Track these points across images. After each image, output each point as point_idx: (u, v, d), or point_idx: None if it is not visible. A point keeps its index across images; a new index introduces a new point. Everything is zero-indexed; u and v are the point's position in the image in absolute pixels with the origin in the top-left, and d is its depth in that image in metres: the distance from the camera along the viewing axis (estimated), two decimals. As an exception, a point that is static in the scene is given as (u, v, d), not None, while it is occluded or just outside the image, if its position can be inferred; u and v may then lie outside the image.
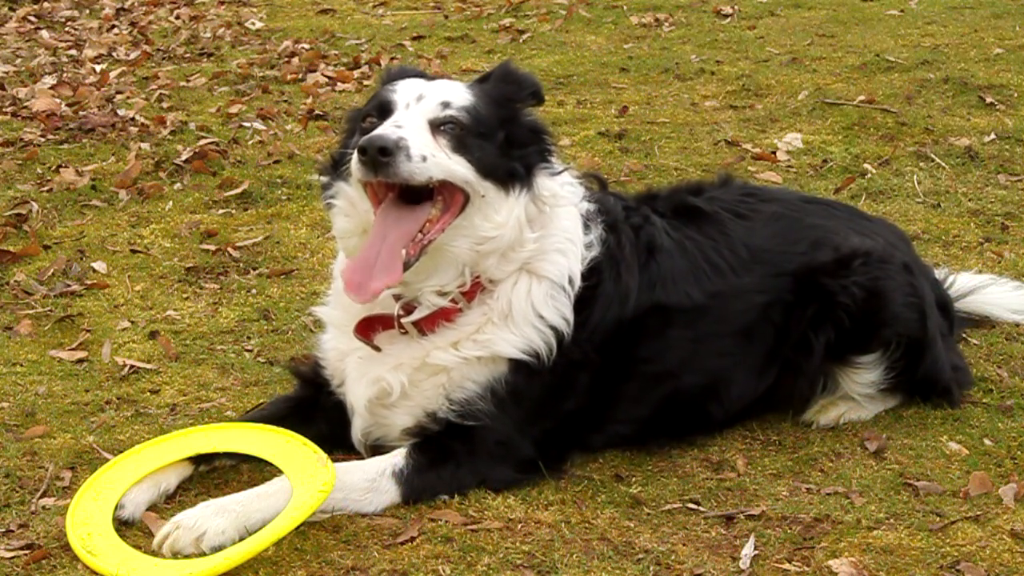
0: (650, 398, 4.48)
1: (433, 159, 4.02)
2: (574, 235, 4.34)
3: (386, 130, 4.01)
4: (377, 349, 4.27)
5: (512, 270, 4.26)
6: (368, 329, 4.27)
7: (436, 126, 4.12)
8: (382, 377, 4.25)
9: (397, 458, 4.18)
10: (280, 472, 4.07)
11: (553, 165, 4.36)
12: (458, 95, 4.22)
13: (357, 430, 4.36)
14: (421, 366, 4.24)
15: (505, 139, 4.23)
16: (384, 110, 4.18)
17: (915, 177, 7.30)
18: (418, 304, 4.23)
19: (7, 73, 9.90)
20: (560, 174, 4.37)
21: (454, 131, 4.13)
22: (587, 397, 4.38)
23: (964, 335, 5.34)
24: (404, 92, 4.22)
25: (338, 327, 4.43)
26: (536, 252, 4.27)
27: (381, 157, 3.92)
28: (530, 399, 4.27)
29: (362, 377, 4.30)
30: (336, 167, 4.34)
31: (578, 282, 4.31)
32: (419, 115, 4.13)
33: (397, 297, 4.23)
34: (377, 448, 4.36)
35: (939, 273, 5.35)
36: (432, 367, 4.23)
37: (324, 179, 4.40)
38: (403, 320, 4.22)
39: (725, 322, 4.54)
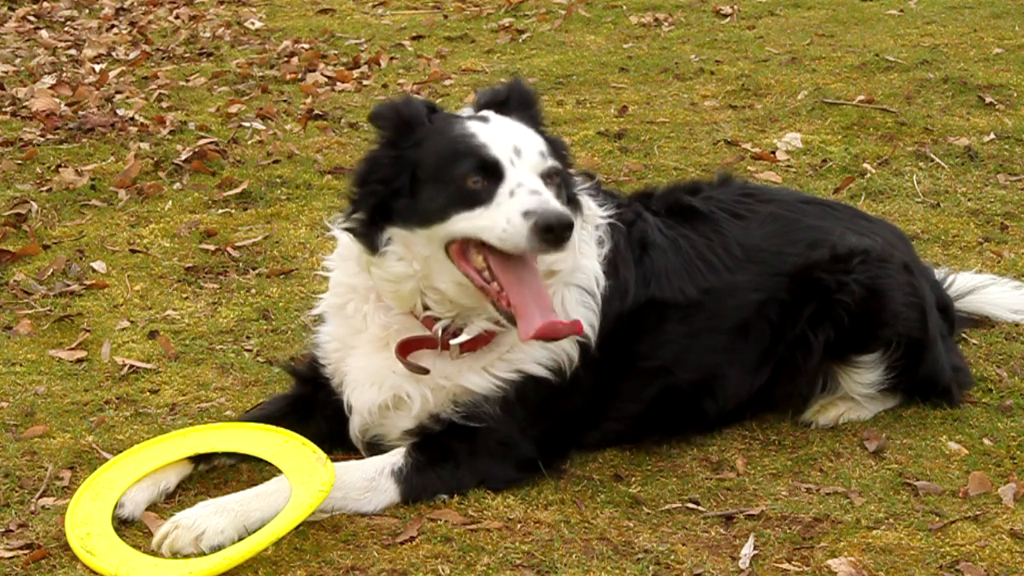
0: (645, 394, 4.47)
1: None
2: (588, 235, 4.32)
3: (553, 204, 3.88)
4: (425, 372, 4.18)
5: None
6: (409, 350, 4.19)
7: (545, 178, 4.02)
8: (400, 386, 4.21)
9: (396, 457, 4.18)
10: (279, 472, 4.07)
11: (578, 180, 4.32)
12: (536, 139, 4.11)
13: (355, 427, 4.34)
14: (449, 384, 4.19)
15: None
16: (491, 169, 3.96)
17: (914, 177, 7.30)
18: (465, 326, 4.16)
19: (7, 73, 9.89)
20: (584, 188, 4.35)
21: (556, 179, 4.07)
22: (589, 395, 4.37)
23: (964, 335, 5.34)
24: (499, 147, 4.00)
25: (340, 325, 4.39)
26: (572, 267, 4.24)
27: (568, 233, 3.84)
28: (536, 401, 4.26)
29: (373, 383, 4.26)
30: (378, 217, 4.10)
31: (603, 280, 4.29)
32: (533, 172, 4.00)
33: (435, 319, 4.15)
34: (375, 445, 4.35)
35: (939, 273, 5.35)
36: (460, 386, 4.19)
37: (359, 227, 4.13)
38: (451, 342, 4.14)
39: (719, 318, 4.53)
